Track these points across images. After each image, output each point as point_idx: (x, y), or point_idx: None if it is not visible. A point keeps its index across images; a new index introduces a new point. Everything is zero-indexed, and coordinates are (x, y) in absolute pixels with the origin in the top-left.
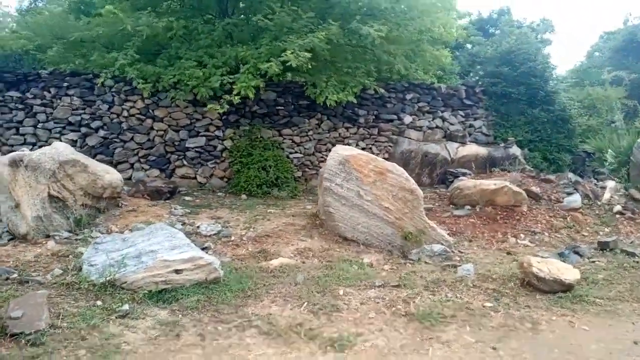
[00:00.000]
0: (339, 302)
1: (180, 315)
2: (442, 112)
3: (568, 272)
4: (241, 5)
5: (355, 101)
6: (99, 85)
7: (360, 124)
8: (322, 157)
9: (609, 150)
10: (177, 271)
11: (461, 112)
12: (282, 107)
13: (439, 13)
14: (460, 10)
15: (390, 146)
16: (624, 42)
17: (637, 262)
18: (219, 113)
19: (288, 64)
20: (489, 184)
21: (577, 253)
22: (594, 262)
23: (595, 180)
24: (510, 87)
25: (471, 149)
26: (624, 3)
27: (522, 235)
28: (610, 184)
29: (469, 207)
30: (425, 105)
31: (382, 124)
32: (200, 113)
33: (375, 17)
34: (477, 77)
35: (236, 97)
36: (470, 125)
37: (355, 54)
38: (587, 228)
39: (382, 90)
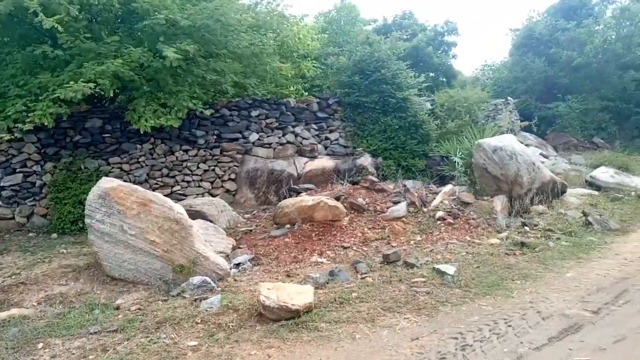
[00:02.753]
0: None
1: None
2: (294, 127)
3: (299, 297)
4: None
5: (176, 125)
6: None
7: (200, 145)
8: (156, 184)
9: (458, 153)
10: None
11: (314, 126)
12: (109, 135)
13: (283, 25)
14: (365, 18)
15: (236, 166)
16: (523, 38)
17: (413, 273)
18: (37, 147)
19: (97, 89)
20: (308, 200)
21: (355, 269)
22: (364, 278)
23: (437, 185)
24: (363, 97)
25: (318, 163)
26: (533, 2)
27: (328, 252)
28: (446, 188)
29: (289, 225)
30: (273, 121)
31: (225, 143)
32: (16, 148)
33: (178, 36)
34: (331, 88)
35: (28, 125)
36: (326, 138)
37: (176, 76)
38: (401, 237)
39: (225, 109)
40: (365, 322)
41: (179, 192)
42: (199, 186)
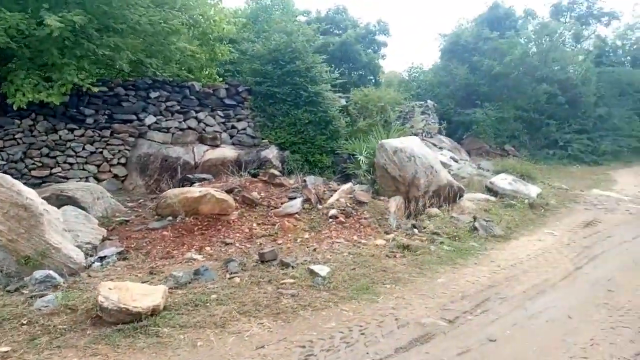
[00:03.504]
0: None
1: None
2: (197, 112)
3: (144, 299)
4: None
5: (57, 102)
6: None
7: (88, 125)
8: (33, 164)
9: (364, 152)
10: None
11: (221, 113)
12: None
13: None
14: (299, 9)
15: (128, 150)
16: (450, 44)
17: (285, 273)
18: None
19: None
20: (194, 191)
21: (227, 267)
22: (232, 278)
23: (339, 183)
24: (275, 87)
25: (219, 153)
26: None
27: (207, 249)
28: (345, 186)
29: (171, 218)
30: (175, 105)
31: (117, 124)
32: None
33: (69, 5)
34: (244, 76)
35: None
36: (233, 127)
37: (63, 49)
38: (289, 235)
39: (120, 88)
40: (215, 327)
41: (59, 174)
42: (84, 169)
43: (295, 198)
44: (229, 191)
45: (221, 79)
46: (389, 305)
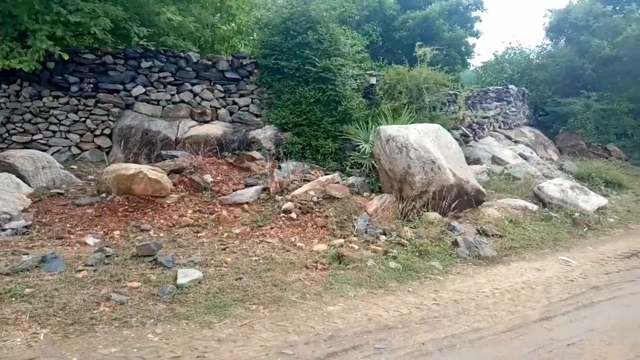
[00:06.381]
0: None
1: None
2: (193, 85)
3: None
4: None
5: (26, 69)
6: None
7: (72, 93)
8: (14, 129)
9: (371, 139)
10: None
11: (220, 87)
12: None
13: None
14: None
15: (112, 121)
16: (557, 21)
17: (143, 274)
18: None
19: None
20: (129, 168)
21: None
22: (80, 271)
23: (326, 172)
24: (284, 61)
25: (203, 129)
26: None
27: (116, 233)
28: (327, 177)
29: (104, 195)
30: (168, 76)
31: (103, 94)
32: None
33: None
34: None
35: None
36: (234, 103)
37: (36, 13)
38: (221, 227)
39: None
40: None
41: (40, 141)
42: (66, 138)
43: (253, 185)
44: (177, 171)
45: (244, 50)
46: (222, 333)
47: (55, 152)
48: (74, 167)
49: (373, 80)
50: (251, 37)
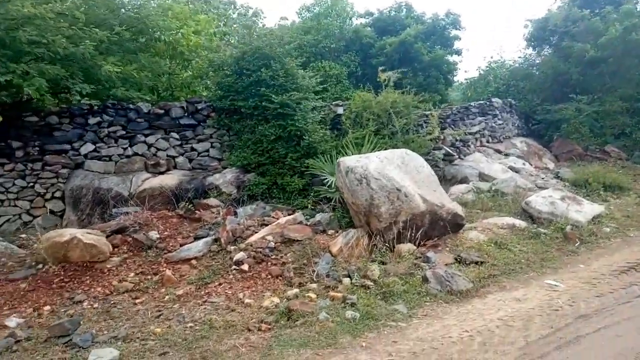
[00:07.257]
0: None
1: None
2: (147, 136)
3: None
4: None
5: None
6: None
7: (18, 158)
8: None
9: (334, 172)
10: None
11: (176, 135)
12: None
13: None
14: (358, 11)
15: (62, 182)
16: (537, 30)
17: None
18: None
19: None
20: (64, 235)
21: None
22: None
23: (289, 212)
24: (240, 101)
25: (158, 181)
26: None
27: (46, 309)
28: (286, 218)
29: (41, 265)
30: (119, 130)
31: (50, 156)
32: None
33: None
34: (209, 91)
35: None
36: (192, 149)
37: None
38: (163, 290)
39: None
40: None
41: None
42: (15, 205)
43: (202, 238)
44: (119, 231)
45: (205, 94)
46: None
47: (5, 222)
48: (23, 236)
49: (340, 110)
50: (207, 81)
